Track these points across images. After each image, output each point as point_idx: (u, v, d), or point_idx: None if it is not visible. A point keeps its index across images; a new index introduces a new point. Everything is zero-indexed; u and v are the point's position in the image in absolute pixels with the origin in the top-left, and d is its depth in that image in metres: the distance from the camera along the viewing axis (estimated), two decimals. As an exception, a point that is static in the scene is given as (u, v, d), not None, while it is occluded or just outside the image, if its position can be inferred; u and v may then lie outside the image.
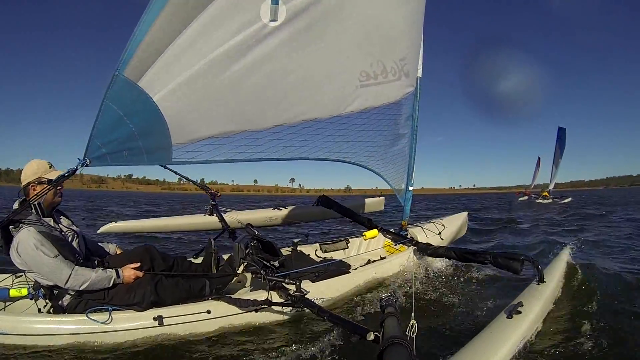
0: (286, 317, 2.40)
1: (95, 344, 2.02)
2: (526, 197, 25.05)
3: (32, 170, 2.17)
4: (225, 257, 2.98)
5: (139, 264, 2.32)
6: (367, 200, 4.85)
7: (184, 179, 4.03)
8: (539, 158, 29.43)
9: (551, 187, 24.73)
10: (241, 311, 2.24)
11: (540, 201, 22.05)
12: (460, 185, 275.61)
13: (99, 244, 2.66)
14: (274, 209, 4.20)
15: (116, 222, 3.68)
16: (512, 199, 27.31)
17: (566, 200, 21.73)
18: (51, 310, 2.21)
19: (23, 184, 2.17)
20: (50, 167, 2.21)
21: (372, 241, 3.91)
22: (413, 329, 1.50)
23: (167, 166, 3.00)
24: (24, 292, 2.25)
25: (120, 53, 1.81)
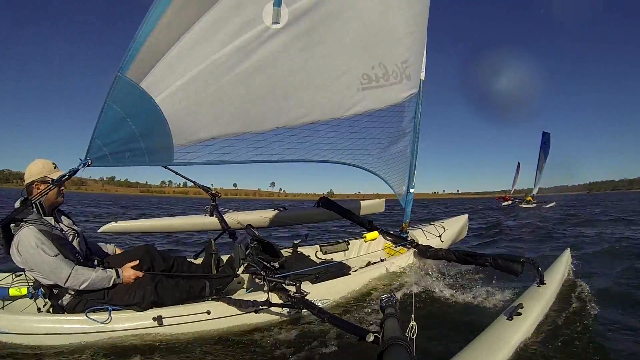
0: (286, 319, 2.40)
1: (95, 343, 2.01)
2: (509, 202, 24.67)
3: (37, 169, 2.17)
4: (225, 257, 2.98)
5: (138, 264, 2.32)
6: (367, 202, 4.85)
7: (186, 180, 4.05)
8: (519, 163, 29.64)
9: (535, 191, 24.58)
10: (241, 312, 2.24)
11: (524, 206, 21.82)
12: (443, 190, 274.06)
13: (98, 244, 2.66)
14: (274, 210, 4.21)
15: (116, 221, 3.69)
16: (494, 204, 26.94)
17: (550, 205, 21.44)
18: (51, 310, 2.21)
19: (27, 182, 2.16)
20: (54, 168, 2.22)
21: (373, 243, 3.91)
22: (413, 330, 1.50)
23: (168, 167, 3.01)
24: (24, 291, 2.26)
25: (123, 53, 1.83)
